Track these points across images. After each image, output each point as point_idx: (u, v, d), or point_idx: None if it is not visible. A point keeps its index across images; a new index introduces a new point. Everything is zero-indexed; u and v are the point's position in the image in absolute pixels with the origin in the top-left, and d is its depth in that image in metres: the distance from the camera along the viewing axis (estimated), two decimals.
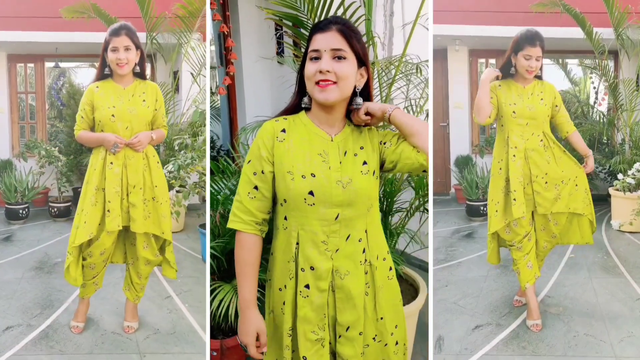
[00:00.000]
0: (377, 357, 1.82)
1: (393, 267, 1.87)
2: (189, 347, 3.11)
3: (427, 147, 1.69)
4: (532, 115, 3.09)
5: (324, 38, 1.64)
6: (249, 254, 1.74)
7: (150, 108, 3.01)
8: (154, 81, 4.80)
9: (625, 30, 5.17)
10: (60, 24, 5.11)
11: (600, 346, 3.05)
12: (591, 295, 3.68)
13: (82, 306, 3.25)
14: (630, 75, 5.35)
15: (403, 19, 4.49)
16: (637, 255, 4.39)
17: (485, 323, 3.35)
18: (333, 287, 1.72)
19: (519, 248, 3.18)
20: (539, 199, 3.16)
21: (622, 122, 5.30)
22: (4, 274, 4.11)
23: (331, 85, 1.63)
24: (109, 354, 3.03)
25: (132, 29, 2.90)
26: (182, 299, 3.66)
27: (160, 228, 3.07)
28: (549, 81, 3.26)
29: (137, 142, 2.93)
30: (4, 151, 5.84)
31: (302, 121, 1.75)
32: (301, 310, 1.71)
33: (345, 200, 1.68)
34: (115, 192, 2.92)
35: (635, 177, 4.77)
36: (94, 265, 3.04)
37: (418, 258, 4.24)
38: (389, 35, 4.70)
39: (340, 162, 1.71)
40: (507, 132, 3.14)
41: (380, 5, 4.72)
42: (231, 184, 3.18)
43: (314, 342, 1.72)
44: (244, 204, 1.72)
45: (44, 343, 3.12)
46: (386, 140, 1.77)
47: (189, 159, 4.44)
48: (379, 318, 1.79)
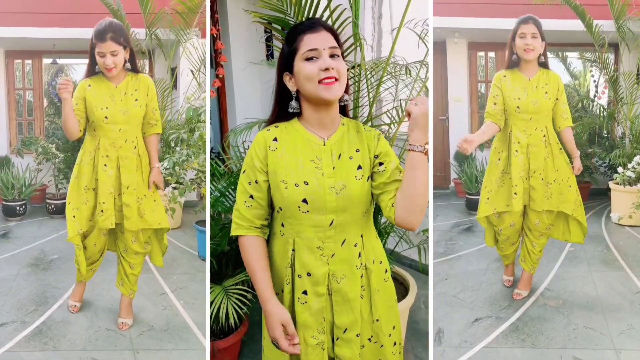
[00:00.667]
0: (373, 357, 1.83)
1: (389, 270, 1.87)
2: (183, 344, 3.10)
3: (413, 214, 1.60)
4: (536, 110, 3.13)
5: (319, 37, 1.64)
6: (254, 252, 1.73)
7: (143, 106, 3.00)
8: (152, 78, 4.78)
9: (626, 22, 5.13)
10: (58, 20, 5.08)
11: (599, 338, 3.04)
12: (591, 288, 3.67)
13: (79, 287, 3.39)
14: (631, 68, 5.32)
15: (391, 21, 4.54)
16: (637, 248, 4.38)
17: (485, 316, 3.34)
18: (330, 290, 1.73)
19: (502, 233, 3.38)
20: (533, 195, 3.23)
21: (622, 115, 5.26)
22: (0, 270, 4.09)
23: (335, 82, 1.63)
24: (102, 350, 3.02)
25: (117, 31, 2.82)
26: (177, 296, 3.64)
27: (158, 221, 3.12)
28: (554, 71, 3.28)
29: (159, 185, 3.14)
30: (2, 148, 5.82)
31: (294, 128, 1.74)
32: (300, 316, 1.72)
33: (339, 206, 1.67)
34: (110, 194, 2.97)
35: (635, 171, 4.75)
36: (90, 256, 3.17)
37: (408, 257, 4.25)
38: (378, 38, 4.74)
39: (333, 167, 1.69)
40: (510, 126, 3.20)
41: (368, 8, 4.75)
42: (221, 186, 3.17)
43: (314, 346, 1.73)
44: (242, 212, 1.74)
45: (38, 339, 3.11)
46: (383, 161, 1.72)
47: (185, 156, 4.41)
48: (374, 320, 1.80)
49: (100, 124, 2.91)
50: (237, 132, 3.27)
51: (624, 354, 2.89)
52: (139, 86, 2.99)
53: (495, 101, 3.23)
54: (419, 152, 1.58)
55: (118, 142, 2.95)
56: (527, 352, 2.95)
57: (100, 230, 3.06)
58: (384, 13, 4.79)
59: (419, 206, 1.60)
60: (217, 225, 3.06)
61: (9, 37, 5.40)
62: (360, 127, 1.79)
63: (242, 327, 3.02)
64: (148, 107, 3.04)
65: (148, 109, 3.04)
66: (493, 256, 4.24)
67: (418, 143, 1.58)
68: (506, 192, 3.27)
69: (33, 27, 5.26)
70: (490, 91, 3.30)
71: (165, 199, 4.47)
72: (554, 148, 3.23)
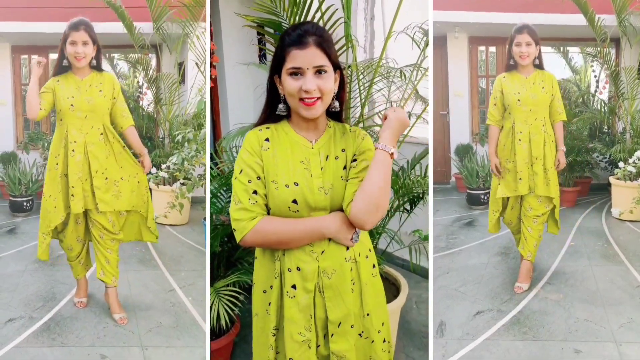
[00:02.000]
0: (364, 352, 1.84)
1: (377, 265, 1.89)
2: (192, 341, 3.12)
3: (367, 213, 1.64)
4: (534, 102, 3.46)
5: (305, 55, 1.62)
6: (277, 220, 1.69)
7: (108, 97, 3.21)
8: (159, 72, 4.84)
9: (628, 16, 5.12)
10: (64, 15, 5.05)
11: (600, 332, 3.07)
12: (591, 282, 3.70)
13: (80, 284, 3.51)
14: (632, 63, 5.30)
15: (384, 22, 4.55)
16: (637, 243, 4.39)
17: (486, 309, 3.39)
18: (320, 287, 1.74)
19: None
20: (536, 180, 3.49)
21: (623, 110, 5.26)
22: (7, 266, 4.12)
23: (317, 102, 1.64)
24: (111, 346, 3.04)
25: (90, 25, 3.13)
26: (186, 293, 3.67)
27: (132, 203, 3.32)
28: (550, 71, 3.63)
29: (148, 169, 3.38)
30: (8, 143, 5.81)
31: (284, 130, 1.76)
32: (288, 311, 1.73)
33: (328, 205, 1.71)
34: (78, 178, 3.16)
35: (636, 166, 4.77)
36: (71, 247, 3.33)
37: (400, 257, 4.28)
38: (370, 38, 4.76)
39: (321, 168, 1.72)
40: (513, 119, 3.52)
41: (361, 9, 4.77)
42: (213, 187, 3.21)
43: (300, 343, 1.72)
44: (248, 209, 1.68)
45: (46, 335, 3.14)
46: (358, 158, 1.76)
47: (194, 151, 4.45)
48: (365, 314, 1.81)
49: (67, 112, 3.13)
50: (230, 138, 3.33)
51: (624, 346, 2.92)
52: (104, 81, 3.22)
53: (495, 102, 3.62)
54: (382, 150, 1.63)
55: (84, 129, 3.16)
56: (528, 344, 2.99)
57: (75, 218, 3.24)
58: (376, 15, 4.82)
59: (373, 205, 1.62)
60: (210, 226, 3.07)
61: (15, 32, 5.37)
62: (347, 128, 1.82)
63: (233, 329, 3.04)
64: (117, 102, 3.27)
65: (117, 104, 3.27)
66: (494, 250, 4.29)
67: (384, 142, 1.64)
68: (511, 178, 3.57)
69: (39, 22, 5.25)
70: (491, 94, 3.64)
71: (174, 194, 4.52)
72: (548, 136, 3.52)
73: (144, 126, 5.25)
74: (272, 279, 1.76)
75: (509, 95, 3.51)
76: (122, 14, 4.76)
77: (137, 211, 3.36)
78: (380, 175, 1.63)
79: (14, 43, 5.78)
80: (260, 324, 1.83)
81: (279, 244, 1.71)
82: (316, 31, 1.66)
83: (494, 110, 3.61)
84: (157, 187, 4.81)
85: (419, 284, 4.05)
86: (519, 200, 3.63)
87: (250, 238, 1.67)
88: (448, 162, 6.18)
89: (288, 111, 1.75)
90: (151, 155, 4.86)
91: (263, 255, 1.80)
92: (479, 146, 5.96)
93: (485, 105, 6.20)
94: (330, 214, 1.71)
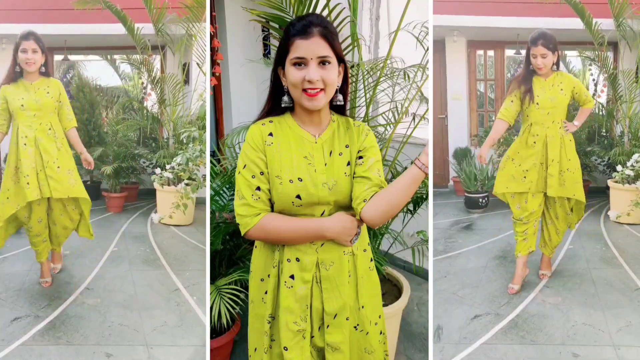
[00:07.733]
0: (358, 345, 1.87)
1: (373, 259, 1.93)
2: (196, 340, 3.15)
3: (383, 217, 1.69)
4: (553, 105, 3.49)
5: (309, 45, 1.63)
6: (280, 218, 1.73)
7: (54, 99, 3.60)
8: (163, 73, 4.89)
9: (626, 20, 5.15)
10: (69, 16, 5.07)
11: (598, 335, 3.09)
12: (590, 285, 3.72)
13: (44, 267, 3.83)
14: (630, 66, 5.33)
15: (389, 22, 4.57)
16: (636, 246, 4.41)
17: (484, 313, 3.40)
18: (318, 279, 1.77)
19: (526, 222, 3.60)
20: (551, 182, 3.51)
21: (622, 113, 5.29)
22: (13, 265, 4.14)
23: (320, 93, 1.65)
24: (115, 345, 3.07)
25: (38, 36, 3.52)
26: (190, 292, 3.70)
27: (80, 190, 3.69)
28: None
29: (89, 164, 3.83)
30: None
31: (287, 123, 1.77)
32: (284, 300, 1.75)
33: (331, 200, 1.73)
34: (32, 168, 3.52)
35: (634, 169, 4.79)
36: (39, 233, 3.71)
37: (402, 259, 4.32)
38: (375, 39, 4.78)
39: (325, 164, 1.74)
40: (530, 121, 3.54)
41: (366, 9, 4.79)
42: (215, 185, 3.23)
43: (295, 332, 1.75)
44: (251, 204, 1.71)
45: (52, 334, 3.17)
46: (363, 155, 1.77)
47: (198, 152, 4.48)
48: (360, 307, 1.85)
49: (18, 111, 3.53)
50: (234, 135, 3.36)
51: (623, 350, 2.94)
52: (50, 85, 3.62)
53: (512, 99, 3.58)
54: (419, 169, 1.63)
55: (34, 125, 3.55)
56: (526, 348, 3.00)
57: (37, 206, 3.60)
58: (381, 15, 4.83)
59: (390, 214, 1.69)
60: (212, 224, 3.09)
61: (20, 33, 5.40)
62: (350, 122, 1.83)
63: (234, 327, 3.07)
64: (62, 106, 3.67)
65: (63, 107, 3.67)
66: (492, 254, 4.32)
67: (425, 163, 1.64)
68: (518, 176, 3.60)
69: (44, 24, 5.25)
70: (508, 93, 3.65)
71: (178, 195, 4.56)
72: (568, 137, 3.56)
73: (148, 127, 5.28)
74: (270, 268, 1.79)
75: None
76: (124, 18, 4.79)
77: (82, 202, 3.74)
78: (408, 190, 1.65)
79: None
80: (255, 310, 1.87)
81: (280, 241, 1.76)
82: (321, 22, 1.67)
83: (510, 106, 3.56)
84: (162, 188, 4.83)
85: (420, 286, 4.08)
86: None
87: (253, 234, 1.73)
88: (446, 166, 6.21)
89: (292, 104, 1.77)
90: (155, 156, 4.90)
91: (263, 244, 1.83)
92: (477, 149, 5.99)
93: (483, 109, 6.24)
94: (333, 216, 1.74)
